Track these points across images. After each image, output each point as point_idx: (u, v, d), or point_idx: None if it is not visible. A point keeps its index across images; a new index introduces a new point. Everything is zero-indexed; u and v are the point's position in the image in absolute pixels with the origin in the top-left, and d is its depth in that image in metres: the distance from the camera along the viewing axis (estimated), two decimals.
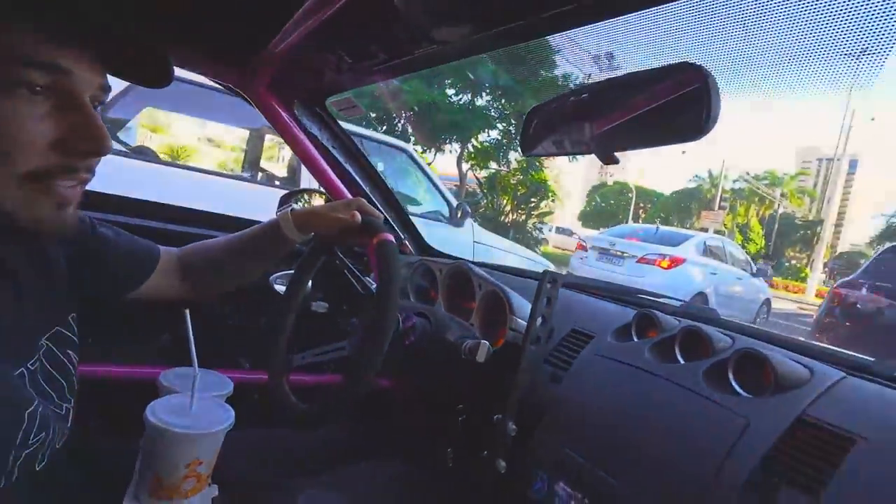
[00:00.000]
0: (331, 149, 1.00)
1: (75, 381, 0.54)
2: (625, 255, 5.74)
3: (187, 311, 0.66)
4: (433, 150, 11.72)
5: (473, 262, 0.97)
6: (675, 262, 5.37)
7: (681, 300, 0.92)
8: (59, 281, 0.54)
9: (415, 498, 0.75)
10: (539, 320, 0.63)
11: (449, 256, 1.09)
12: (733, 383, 0.62)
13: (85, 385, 0.58)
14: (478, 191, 13.93)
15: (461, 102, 11.32)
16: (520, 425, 0.64)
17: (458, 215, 2.93)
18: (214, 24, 0.72)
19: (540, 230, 13.78)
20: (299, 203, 0.94)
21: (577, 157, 11.80)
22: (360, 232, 0.67)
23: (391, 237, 0.62)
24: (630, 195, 20.04)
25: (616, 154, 0.57)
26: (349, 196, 1.02)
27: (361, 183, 1.04)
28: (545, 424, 0.70)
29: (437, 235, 1.64)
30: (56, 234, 0.43)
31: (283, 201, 0.96)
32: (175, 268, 0.73)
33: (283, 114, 0.91)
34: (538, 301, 0.62)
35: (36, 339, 0.50)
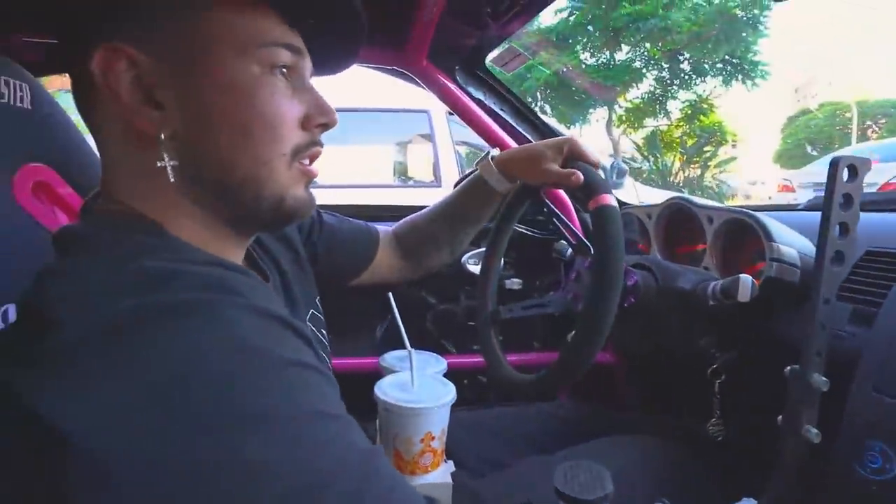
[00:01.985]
0: (499, 112, 0.97)
1: (330, 361, 0.59)
2: None
3: (391, 294, 0.68)
4: (578, 123, 11.14)
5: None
6: None
7: None
8: (305, 265, 0.61)
9: (686, 475, 0.64)
10: (835, 230, 0.47)
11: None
12: None
13: None
14: (636, 156, 12.72)
15: (598, 62, 10.50)
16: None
17: (614, 176, 2.62)
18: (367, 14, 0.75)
19: (724, 182, 11.83)
20: None
21: (757, 86, 9.87)
22: (570, 186, 0.60)
23: (613, 200, 0.54)
24: (848, 115, 15.79)
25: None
26: None
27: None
28: (863, 377, 0.53)
29: None
30: (308, 213, 0.43)
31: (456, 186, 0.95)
32: (394, 247, 0.75)
33: (447, 83, 0.92)
34: (831, 202, 0.46)
35: (304, 317, 0.56)
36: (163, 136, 0.35)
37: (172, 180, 0.36)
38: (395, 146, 3.47)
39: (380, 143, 3.43)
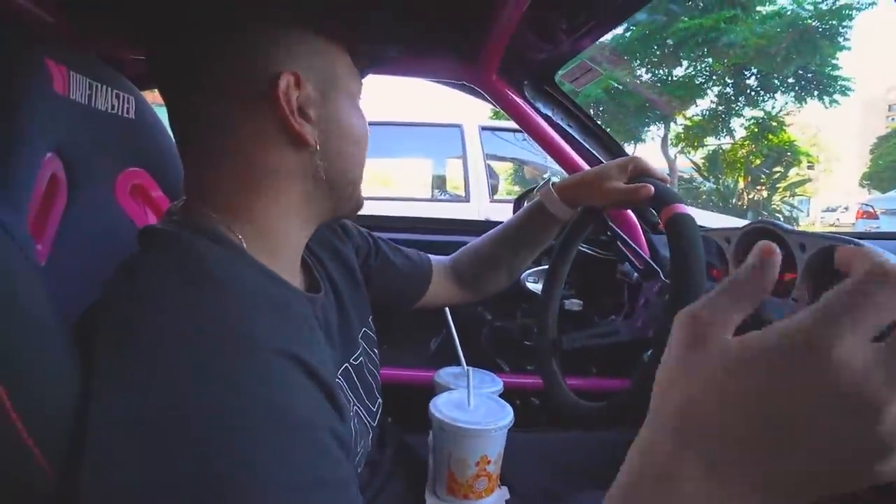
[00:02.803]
0: (566, 128, 0.96)
1: (378, 374, 0.62)
2: None
3: (447, 310, 0.68)
4: (632, 141, 10.89)
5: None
6: None
7: None
8: (360, 286, 0.64)
9: None
10: None
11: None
12: None
13: None
14: (695, 176, 12.26)
15: (656, 77, 10.25)
16: None
17: None
18: (439, 30, 0.78)
19: (795, 207, 11.16)
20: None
21: (837, 102, 9.20)
22: (641, 203, 0.61)
23: (687, 209, 0.53)
24: None
25: None
26: None
27: (605, 161, 0.96)
28: None
29: None
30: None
31: (517, 206, 0.95)
32: (448, 276, 0.77)
33: (516, 98, 0.92)
34: None
35: (356, 334, 0.59)
36: (318, 145, 0.45)
37: (315, 180, 0.46)
38: (433, 160, 3.59)
39: (419, 157, 3.56)
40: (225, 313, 0.33)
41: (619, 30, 9.48)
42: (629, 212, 0.97)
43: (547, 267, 0.78)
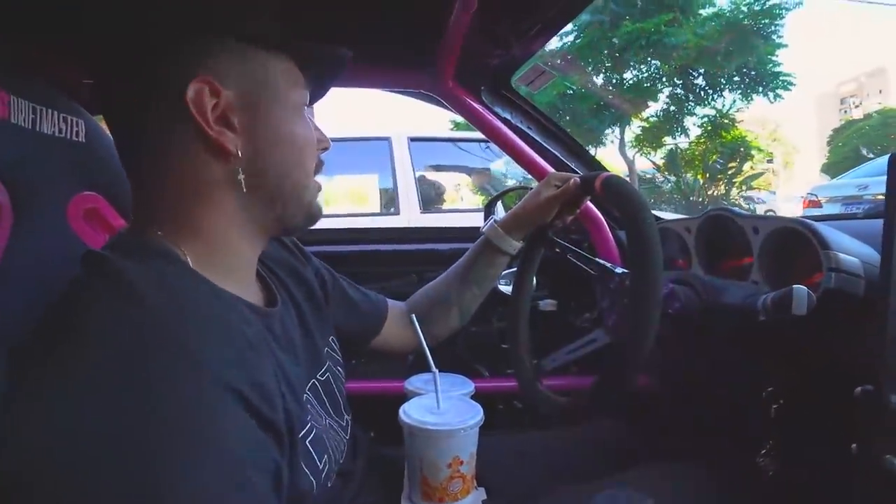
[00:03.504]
0: (526, 130, 0.99)
1: (346, 395, 0.63)
2: None
3: (414, 317, 0.69)
4: (591, 145, 11.21)
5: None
6: None
7: None
8: (321, 304, 0.66)
9: None
10: None
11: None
12: None
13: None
14: (657, 176, 12.67)
15: (609, 80, 10.62)
16: None
17: None
18: (392, 39, 0.81)
19: (753, 199, 11.70)
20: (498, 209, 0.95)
21: (781, 98, 9.77)
22: (578, 194, 0.69)
23: (611, 173, 0.58)
24: None
25: None
26: None
27: (566, 161, 0.99)
28: None
29: None
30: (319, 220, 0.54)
31: (487, 211, 0.97)
32: (403, 318, 0.79)
33: (474, 104, 0.95)
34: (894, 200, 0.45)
35: (321, 350, 0.60)
36: (240, 153, 0.44)
37: (245, 190, 0.45)
38: (379, 174, 3.53)
39: (355, 173, 3.51)
40: (164, 337, 0.33)
41: (570, 37, 9.83)
42: (598, 213, 1.00)
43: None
